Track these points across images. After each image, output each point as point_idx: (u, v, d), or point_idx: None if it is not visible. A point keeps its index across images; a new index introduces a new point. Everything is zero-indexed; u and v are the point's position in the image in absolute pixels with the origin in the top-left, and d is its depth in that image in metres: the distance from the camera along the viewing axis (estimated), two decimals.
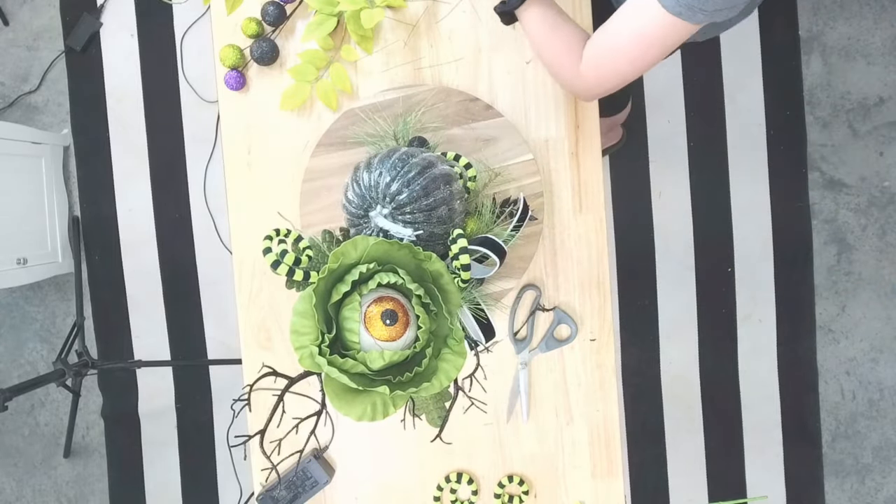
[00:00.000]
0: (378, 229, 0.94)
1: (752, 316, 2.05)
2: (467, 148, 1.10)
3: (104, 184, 2.12)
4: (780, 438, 2.06)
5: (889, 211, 2.03)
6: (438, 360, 0.89)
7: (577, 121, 1.12)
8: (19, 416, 2.19)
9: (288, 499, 1.13)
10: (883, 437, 2.08)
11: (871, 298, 2.05)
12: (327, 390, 0.84)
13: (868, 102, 2.02)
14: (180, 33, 2.09)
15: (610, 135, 1.93)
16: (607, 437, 1.14)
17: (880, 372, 2.07)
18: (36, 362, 2.18)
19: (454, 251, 0.90)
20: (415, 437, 1.15)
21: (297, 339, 0.84)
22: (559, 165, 1.12)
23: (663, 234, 2.04)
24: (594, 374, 1.14)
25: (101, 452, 2.17)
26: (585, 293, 1.13)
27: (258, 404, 1.15)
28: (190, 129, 2.10)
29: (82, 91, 2.12)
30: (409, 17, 1.12)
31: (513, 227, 1.04)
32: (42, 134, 2.03)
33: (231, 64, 1.11)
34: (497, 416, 1.15)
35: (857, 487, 2.09)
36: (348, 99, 1.13)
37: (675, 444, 2.07)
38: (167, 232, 2.11)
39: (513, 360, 1.14)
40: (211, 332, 2.12)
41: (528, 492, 1.14)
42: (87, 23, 2.09)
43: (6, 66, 2.15)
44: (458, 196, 0.97)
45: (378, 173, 0.93)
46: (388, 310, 0.85)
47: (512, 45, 1.12)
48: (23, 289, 2.16)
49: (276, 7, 1.10)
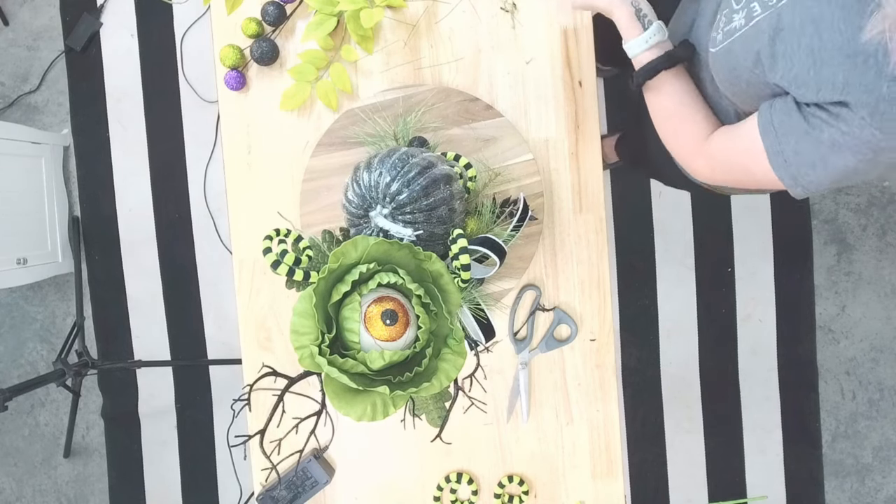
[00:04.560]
0: (378, 229, 0.94)
1: (752, 316, 2.05)
2: (467, 148, 1.10)
3: (104, 184, 2.12)
4: (780, 438, 2.06)
5: (889, 211, 2.03)
6: (438, 360, 0.89)
7: (577, 121, 1.12)
8: (19, 416, 2.19)
9: (288, 499, 1.13)
10: (883, 437, 2.08)
11: (871, 298, 2.05)
12: (327, 390, 0.84)
13: None
14: (180, 33, 2.09)
15: None
16: (607, 437, 1.14)
17: (880, 372, 2.06)
18: (36, 362, 2.18)
19: (454, 251, 0.90)
20: (415, 437, 1.15)
21: (297, 339, 0.84)
22: (559, 165, 1.12)
23: (663, 234, 2.04)
24: (594, 374, 1.14)
25: (101, 452, 2.17)
26: (585, 293, 1.13)
27: (258, 404, 1.15)
28: (190, 129, 2.10)
29: (82, 91, 2.12)
30: (409, 17, 1.12)
31: (513, 227, 1.04)
32: (42, 134, 2.03)
33: (231, 64, 1.11)
34: (497, 416, 1.15)
35: (857, 487, 2.08)
36: (348, 99, 1.13)
37: (675, 444, 2.07)
38: (167, 232, 2.11)
39: (513, 360, 1.14)
40: (211, 332, 2.12)
41: (528, 492, 1.14)
42: (87, 23, 2.09)
43: (6, 66, 2.15)
44: (458, 196, 0.97)
45: (378, 173, 0.93)
46: (388, 310, 0.85)
47: (512, 45, 1.12)
48: (23, 289, 2.16)
49: (276, 7, 1.10)
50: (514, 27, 1.11)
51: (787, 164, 0.73)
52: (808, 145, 0.70)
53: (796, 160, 0.72)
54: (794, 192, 0.75)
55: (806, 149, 0.71)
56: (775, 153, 0.74)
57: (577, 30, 1.11)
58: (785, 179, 0.74)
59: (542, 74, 1.11)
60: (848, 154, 0.67)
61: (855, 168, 0.68)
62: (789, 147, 0.72)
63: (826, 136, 0.68)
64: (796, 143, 0.71)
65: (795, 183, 0.74)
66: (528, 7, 1.11)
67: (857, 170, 0.68)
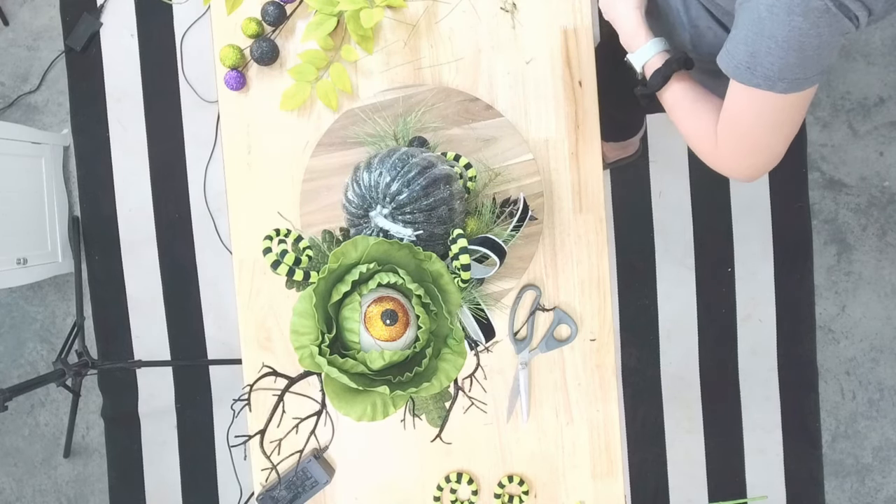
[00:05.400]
0: (378, 229, 0.94)
1: (752, 316, 2.05)
2: (467, 148, 1.10)
3: (104, 184, 2.12)
4: (780, 438, 2.06)
5: (889, 211, 2.03)
6: (438, 360, 0.89)
7: (577, 121, 1.12)
8: (19, 416, 2.19)
9: (288, 499, 1.13)
10: (883, 437, 2.08)
11: (871, 298, 2.05)
12: (327, 390, 0.84)
13: (868, 102, 2.02)
14: (180, 33, 2.09)
15: (627, 147, 1.92)
16: (607, 437, 1.14)
17: (880, 372, 2.06)
18: (36, 362, 2.18)
19: (454, 251, 0.90)
20: (415, 437, 1.15)
21: (297, 339, 0.84)
22: (559, 165, 1.12)
23: (663, 234, 2.04)
24: (594, 374, 1.14)
25: (101, 452, 2.17)
26: (585, 293, 1.13)
27: (258, 404, 1.15)
28: (190, 129, 2.10)
29: (82, 91, 2.12)
30: (409, 17, 1.12)
31: (513, 227, 1.04)
32: (42, 134, 2.03)
33: (231, 64, 1.11)
34: (497, 416, 1.15)
35: (857, 487, 2.08)
36: (348, 99, 1.13)
37: (675, 444, 2.07)
38: (167, 232, 2.11)
39: (513, 360, 1.14)
40: (211, 332, 2.12)
41: (528, 492, 1.14)
42: (87, 23, 2.09)
43: (6, 66, 2.15)
44: (458, 196, 0.97)
45: (378, 173, 0.93)
46: (388, 310, 0.85)
47: (512, 45, 1.12)
48: (23, 289, 2.16)
49: (276, 7, 1.10)
50: (514, 27, 1.11)
51: (751, 70, 0.76)
52: (752, 35, 0.73)
53: (753, 60, 0.75)
54: (776, 89, 0.76)
55: (753, 41, 0.74)
56: (740, 70, 0.77)
57: (577, 30, 1.11)
58: (761, 84, 0.76)
59: (542, 74, 1.11)
60: (783, 17, 0.70)
61: (799, 31, 0.70)
62: (742, 55, 0.76)
63: (759, 11, 0.71)
64: (745, 45, 0.75)
65: (766, 79, 0.75)
66: (528, 7, 1.11)
67: (802, 33, 0.70)
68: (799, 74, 0.74)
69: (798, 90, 0.76)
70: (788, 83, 0.75)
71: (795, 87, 0.76)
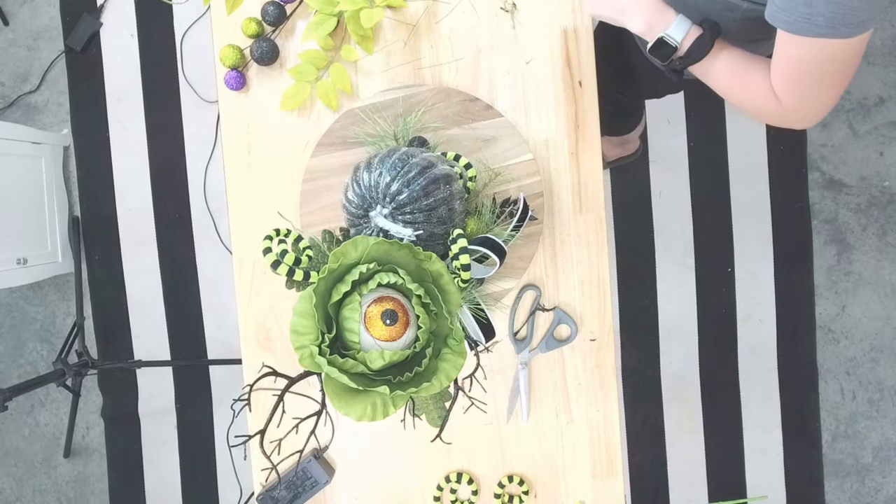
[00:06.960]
0: (378, 229, 0.94)
1: (752, 316, 2.05)
2: (467, 148, 1.10)
3: (104, 184, 2.12)
4: (780, 438, 2.06)
5: (889, 211, 2.03)
6: (438, 360, 0.89)
7: (577, 121, 1.12)
8: (19, 416, 2.19)
9: (288, 499, 1.13)
10: (883, 437, 2.08)
11: (871, 298, 2.05)
12: (327, 390, 0.84)
13: (868, 102, 2.02)
14: (180, 33, 2.09)
15: (627, 146, 1.92)
16: (607, 437, 1.14)
17: (880, 372, 2.07)
18: (36, 362, 2.18)
19: (454, 251, 0.90)
20: (415, 437, 1.15)
21: (297, 339, 0.84)
22: (559, 165, 1.12)
23: (663, 234, 2.04)
24: (594, 374, 1.14)
25: (101, 452, 2.17)
26: (585, 293, 1.13)
27: (258, 404, 1.15)
28: (190, 129, 2.10)
29: (82, 91, 2.12)
30: (409, 17, 1.12)
31: (513, 227, 1.04)
32: (42, 134, 2.03)
33: (231, 64, 1.11)
34: (497, 416, 1.15)
35: (857, 487, 2.08)
36: (348, 99, 1.13)
37: (675, 444, 2.07)
38: (167, 232, 2.11)
39: (513, 360, 1.14)
40: (211, 332, 2.12)
41: (528, 492, 1.14)
42: (87, 23, 2.09)
43: (6, 66, 2.15)
44: (458, 196, 0.97)
45: (378, 173, 0.93)
46: (388, 310, 0.85)
47: (512, 45, 1.12)
48: (23, 289, 2.16)
49: (276, 7, 1.10)
50: (514, 27, 1.11)
51: (810, 21, 0.74)
52: None
53: (811, 9, 0.74)
54: (840, 35, 0.75)
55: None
56: (800, 24, 0.75)
57: (577, 30, 1.11)
58: (824, 34, 0.75)
59: (542, 74, 1.11)
60: None
61: None
62: (800, 7, 0.74)
63: None
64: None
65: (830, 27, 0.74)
66: (528, 7, 1.11)
67: None
68: (863, 16, 0.73)
69: (863, 31, 0.75)
70: (853, 27, 0.74)
71: (861, 29, 0.75)
